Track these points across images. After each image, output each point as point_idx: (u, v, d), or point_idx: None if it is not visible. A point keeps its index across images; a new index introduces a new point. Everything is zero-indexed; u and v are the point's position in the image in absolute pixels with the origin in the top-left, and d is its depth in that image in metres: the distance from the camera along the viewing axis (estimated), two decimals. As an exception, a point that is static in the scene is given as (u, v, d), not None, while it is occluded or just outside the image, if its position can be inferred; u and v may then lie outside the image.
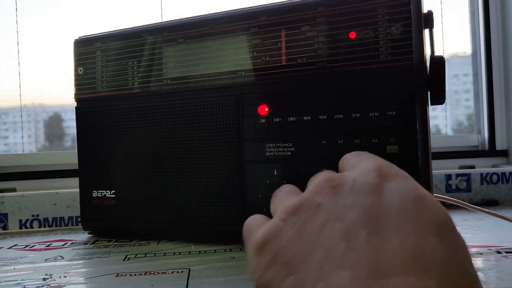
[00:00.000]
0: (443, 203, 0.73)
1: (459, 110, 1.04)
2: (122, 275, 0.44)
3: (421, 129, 0.45)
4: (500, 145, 0.91)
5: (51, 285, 0.41)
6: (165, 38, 0.56)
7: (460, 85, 1.02)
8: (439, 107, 0.98)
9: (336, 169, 0.47)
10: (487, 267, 0.42)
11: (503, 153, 0.91)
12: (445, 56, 0.95)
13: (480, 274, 0.40)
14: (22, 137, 0.94)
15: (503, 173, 0.80)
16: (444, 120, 0.99)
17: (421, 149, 0.45)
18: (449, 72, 1.01)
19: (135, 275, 0.44)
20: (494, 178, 0.80)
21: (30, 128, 0.97)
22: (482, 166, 0.88)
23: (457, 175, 0.79)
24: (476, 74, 0.94)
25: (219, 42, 0.53)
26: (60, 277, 0.44)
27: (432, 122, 1.00)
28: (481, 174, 0.80)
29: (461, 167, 0.87)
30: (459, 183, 0.79)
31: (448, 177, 0.79)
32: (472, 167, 0.87)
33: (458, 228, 0.61)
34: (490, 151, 0.91)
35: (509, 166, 0.87)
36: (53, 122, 0.98)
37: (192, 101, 0.54)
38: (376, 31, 0.46)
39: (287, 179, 0.50)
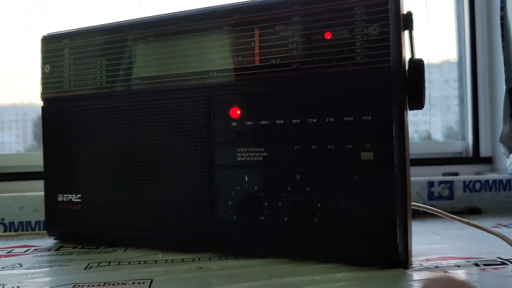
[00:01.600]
0: (425, 212, 0.71)
1: (450, 116, 1.03)
2: (79, 286, 0.41)
3: (397, 135, 0.43)
4: (484, 152, 0.89)
5: (0, 296, 0.39)
6: (135, 35, 0.53)
7: (450, 91, 1.01)
8: (428, 112, 0.97)
9: (307, 175, 0.45)
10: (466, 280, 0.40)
11: (487, 160, 0.89)
12: (436, 62, 0.94)
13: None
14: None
15: (486, 181, 0.79)
16: (435, 126, 0.98)
17: (398, 156, 0.42)
18: (440, 77, 0.99)
19: (93, 286, 0.41)
20: (477, 186, 0.78)
21: (18, 127, 0.95)
22: (466, 173, 0.87)
23: (440, 182, 0.78)
24: (461, 80, 0.92)
25: (191, 40, 0.50)
26: (13, 287, 0.41)
27: (422, 128, 0.98)
28: (464, 182, 0.78)
29: (444, 174, 0.85)
30: (442, 191, 0.77)
31: (431, 184, 0.77)
32: (456, 174, 0.86)
33: (438, 238, 0.58)
34: (474, 158, 0.89)
35: (492, 174, 0.85)
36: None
37: (162, 102, 0.51)
38: (352, 32, 0.44)
39: (259, 185, 0.47)
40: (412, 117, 1.02)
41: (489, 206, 0.78)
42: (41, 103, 0.59)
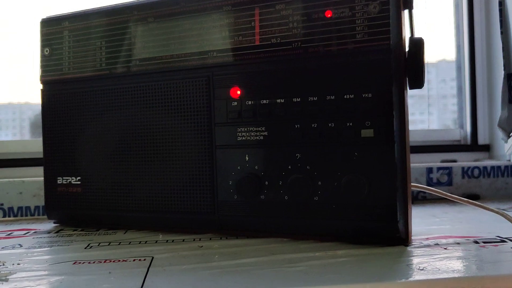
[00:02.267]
0: (424, 197, 0.71)
1: (447, 115, 1.03)
2: (80, 263, 0.41)
3: (398, 113, 0.43)
4: (482, 139, 0.90)
5: (1, 272, 0.39)
6: (135, 17, 0.53)
7: (447, 90, 1.02)
8: (426, 111, 0.97)
9: (307, 154, 0.45)
10: (464, 256, 0.40)
11: (485, 148, 0.89)
12: (433, 62, 0.94)
13: (460, 263, 0.38)
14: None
15: (485, 167, 0.79)
16: (432, 125, 0.98)
17: (398, 133, 0.43)
18: (437, 77, 1.00)
19: (94, 262, 0.41)
20: (476, 172, 0.79)
21: (15, 126, 0.95)
22: (464, 160, 0.87)
23: (439, 169, 0.78)
24: (459, 68, 0.92)
25: (190, 21, 0.50)
26: (13, 264, 0.41)
27: (419, 127, 0.98)
28: (463, 168, 0.79)
29: (443, 161, 0.86)
30: (441, 177, 0.78)
31: (429, 170, 0.78)
32: (454, 161, 0.86)
33: (437, 220, 0.58)
34: (472, 145, 0.90)
35: (490, 161, 0.86)
36: (39, 121, 0.94)
37: (162, 83, 0.51)
38: (352, 10, 0.44)
39: (259, 164, 0.47)
40: (409, 116, 1.01)
41: (487, 192, 0.78)
42: (36, 102, 0.59)
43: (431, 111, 1.01)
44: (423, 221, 0.57)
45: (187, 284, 0.35)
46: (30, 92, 0.91)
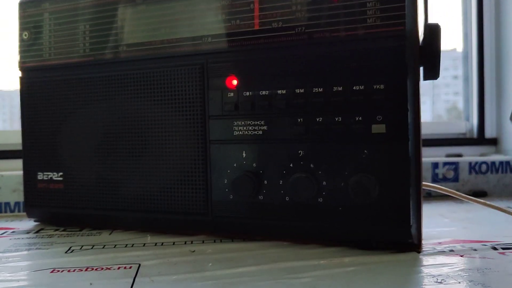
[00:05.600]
0: (429, 194, 0.67)
1: (439, 104, 1.00)
2: (58, 271, 0.37)
3: (412, 106, 0.38)
4: (489, 133, 0.86)
5: (-33, 283, 0.34)
6: (122, -2, 0.48)
7: (439, 79, 0.98)
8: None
9: (311, 151, 0.41)
10: (485, 265, 0.36)
11: (492, 142, 0.85)
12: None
13: (482, 274, 0.34)
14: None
15: (493, 163, 0.75)
16: (425, 115, 0.95)
17: (412, 129, 0.38)
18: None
19: (74, 270, 0.37)
20: (483, 167, 0.75)
21: (5, 113, 0.92)
22: (470, 154, 0.83)
23: (445, 164, 0.74)
24: (466, 57, 0.88)
25: (183, 3, 0.46)
26: (-16, 272, 0.37)
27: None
28: (470, 163, 0.75)
29: (448, 156, 0.82)
30: (447, 173, 0.74)
31: (435, 165, 0.74)
32: (459, 155, 0.82)
33: (446, 221, 0.54)
34: (479, 139, 0.86)
35: (498, 155, 0.82)
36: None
37: (151, 71, 0.47)
38: (363, -9, 0.39)
39: (258, 162, 0.43)
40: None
41: (495, 188, 0.75)
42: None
43: (423, 100, 0.97)
44: (431, 222, 0.53)
45: (176, 299, 0.31)
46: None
